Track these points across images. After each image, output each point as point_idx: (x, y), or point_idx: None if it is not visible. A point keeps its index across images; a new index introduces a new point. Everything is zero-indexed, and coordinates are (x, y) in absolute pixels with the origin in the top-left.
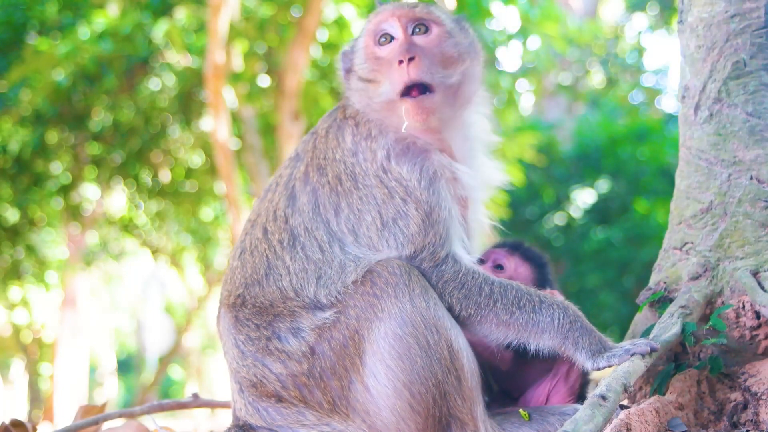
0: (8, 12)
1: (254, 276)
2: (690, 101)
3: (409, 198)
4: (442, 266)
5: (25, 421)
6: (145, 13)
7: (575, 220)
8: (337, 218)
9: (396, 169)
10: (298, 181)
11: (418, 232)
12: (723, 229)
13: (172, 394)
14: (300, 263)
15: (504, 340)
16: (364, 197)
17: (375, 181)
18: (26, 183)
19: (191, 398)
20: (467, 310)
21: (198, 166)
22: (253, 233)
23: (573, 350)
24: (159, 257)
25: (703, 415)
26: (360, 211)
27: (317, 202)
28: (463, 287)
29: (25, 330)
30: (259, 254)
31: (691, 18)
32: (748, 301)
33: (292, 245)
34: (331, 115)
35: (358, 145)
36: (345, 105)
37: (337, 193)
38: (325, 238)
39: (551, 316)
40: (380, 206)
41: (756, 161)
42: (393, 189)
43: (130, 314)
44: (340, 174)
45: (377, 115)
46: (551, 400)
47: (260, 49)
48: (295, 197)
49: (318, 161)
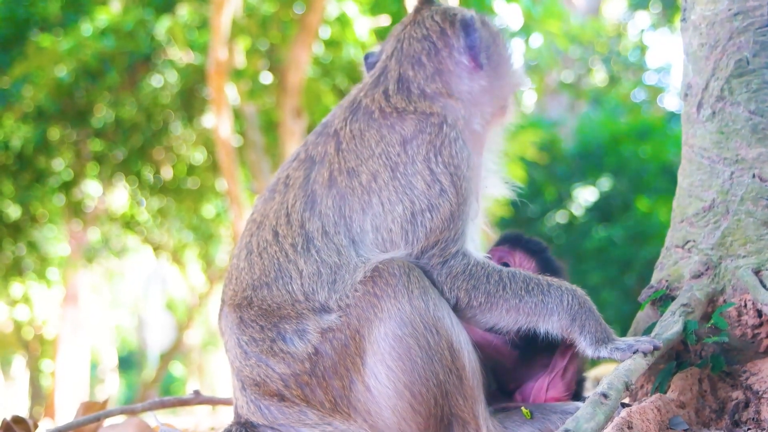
0: (11, 8)
1: (263, 278)
2: (693, 99)
3: (449, 190)
4: (451, 261)
5: (26, 418)
6: (147, 9)
7: (577, 218)
8: (363, 216)
9: (447, 156)
10: (320, 186)
11: (440, 226)
12: (725, 227)
13: (174, 391)
14: (314, 267)
15: (514, 325)
16: (400, 187)
17: (422, 166)
18: (28, 179)
19: (192, 395)
20: (477, 299)
21: (200, 163)
22: (261, 235)
23: (578, 333)
24: (160, 254)
25: (705, 413)
26: (392, 203)
27: (344, 205)
28: (472, 277)
29: (27, 326)
30: (268, 257)
31: (694, 16)
32: (749, 299)
33: (306, 249)
34: (356, 112)
35: (415, 136)
36: (380, 98)
37: (368, 192)
38: (345, 242)
39: (560, 297)
40: (416, 196)
41: (758, 159)
42: (438, 175)
43: (132, 311)
44: (378, 169)
45: (454, 104)
46: (548, 394)
47: (263, 46)
48: (316, 202)
49: (348, 164)
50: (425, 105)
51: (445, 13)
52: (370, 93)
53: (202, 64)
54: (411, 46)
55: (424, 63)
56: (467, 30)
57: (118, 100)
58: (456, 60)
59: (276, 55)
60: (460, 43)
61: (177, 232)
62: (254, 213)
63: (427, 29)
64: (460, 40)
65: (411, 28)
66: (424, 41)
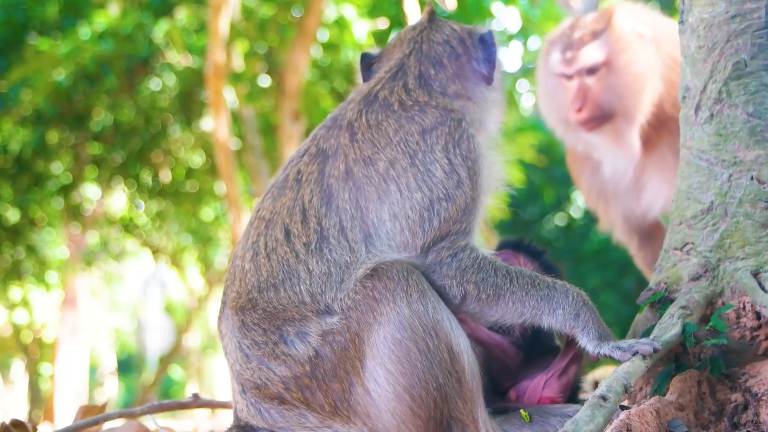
0: (9, 12)
1: (270, 280)
2: (690, 101)
3: (465, 182)
4: (461, 254)
5: (25, 421)
6: (145, 13)
7: (576, 221)
8: (380, 206)
9: (465, 149)
10: (336, 179)
11: (454, 218)
12: (723, 229)
13: (173, 394)
14: (325, 267)
15: (519, 318)
16: (419, 174)
17: (441, 155)
18: (27, 183)
19: (191, 398)
20: (486, 292)
21: (198, 166)
22: (271, 234)
23: (581, 329)
24: (159, 257)
25: (704, 415)
26: (411, 189)
27: (360, 195)
28: (480, 270)
29: (26, 330)
30: (277, 257)
31: (692, 18)
32: (748, 301)
33: (319, 249)
34: (372, 104)
35: (435, 127)
36: (401, 91)
37: (386, 179)
38: (359, 236)
39: (565, 293)
40: (434, 184)
41: (756, 162)
42: (456, 167)
43: (131, 314)
44: (396, 156)
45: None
46: (544, 392)
47: (261, 49)
48: (332, 196)
49: (364, 153)
50: (446, 101)
51: (460, 24)
52: (388, 86)
53: (200, 68)
54: (431, 48)
55: (445, 64)
56: (485, 43)
57: (117, 103)
58: (474, 68)
59: (274, 58)
60: (479, 54)
61: (176, 236)
62: (261, 210)
63: (447, 35)
64: (478, 51)
65: (429, 32)
66: (445, 45)
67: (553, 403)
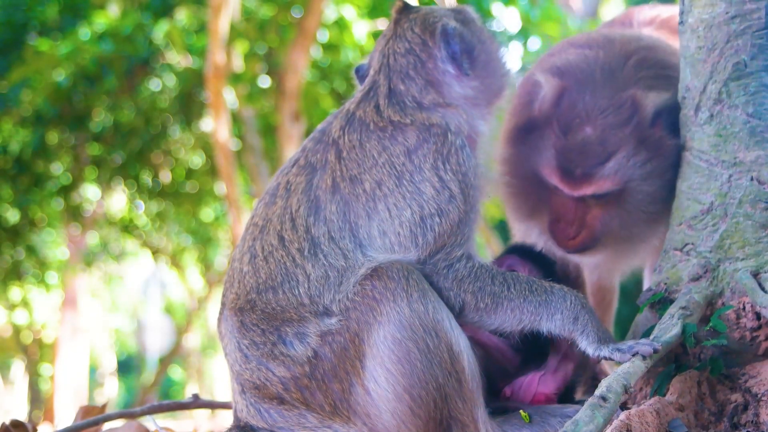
0: (9, 12)
1: (269, 282)
2: (690, 102)
3: (457, 197)
4: (457, 264)
5: (25, 422)
6: (145, 13)
7: None
8: (369, 222)
9: (455, 163)
10: (323, 191)
11: (448, 231)
12: (723, 230)
13: (173, 394)
14: (322, 270)
15: (518, 325)
16: (408, 194)
17: (430, 173)
18: (27, 183)
19: (191, 399)
20: (483, 301)
21: (198, 167)
22: (266, 239)
23: (580, 332)
24: (159, 258)
25: (704, 416)
26: (399, 208)
27: (348, 210)
28: (477, 280)
29: (26, 330)
30: (275, 261)
31: (692, 19)
32: (748, 302)
33: (314, 254)
34: (351, 123)
35: (420, 146)
36: (372, 112)
37: (374, 198)
38: (350, 246)
39: (563, 297)
40: (425, 201)
41: (756, 162)
42: (447, 183)
43: (131, 315)
44: (382, 178)
45: (461, 108)
46: (538, 389)
47: (261, 49)
48: (320, 207)
49: (351, 172)
50: (423, 117)
51: (424, 22)
52: (362, 106)
53: (200, 68)
54: (396, 62)
55: (412, 76)
56: (447, 39)
57: (117, 104)
58: (442, 70)
59: (274, 58)
60: (443, 54)
61: (176, 236)
62: (255, 217)
63: (409, 42)
64: (442, 51)
65: (393, 42)
66: (409, 55)
67: (549, 399)
